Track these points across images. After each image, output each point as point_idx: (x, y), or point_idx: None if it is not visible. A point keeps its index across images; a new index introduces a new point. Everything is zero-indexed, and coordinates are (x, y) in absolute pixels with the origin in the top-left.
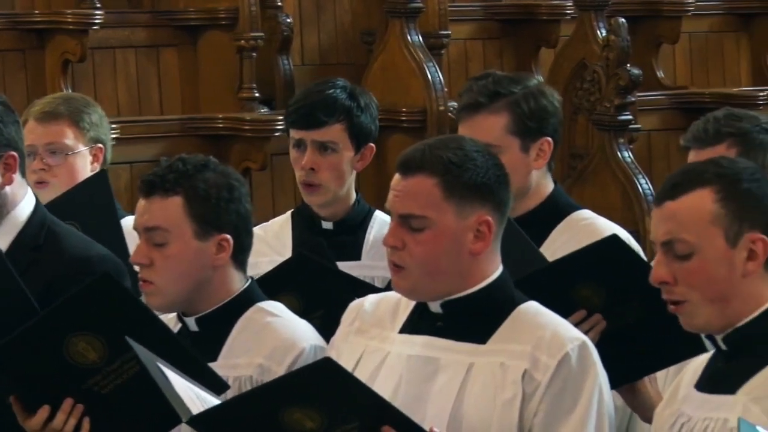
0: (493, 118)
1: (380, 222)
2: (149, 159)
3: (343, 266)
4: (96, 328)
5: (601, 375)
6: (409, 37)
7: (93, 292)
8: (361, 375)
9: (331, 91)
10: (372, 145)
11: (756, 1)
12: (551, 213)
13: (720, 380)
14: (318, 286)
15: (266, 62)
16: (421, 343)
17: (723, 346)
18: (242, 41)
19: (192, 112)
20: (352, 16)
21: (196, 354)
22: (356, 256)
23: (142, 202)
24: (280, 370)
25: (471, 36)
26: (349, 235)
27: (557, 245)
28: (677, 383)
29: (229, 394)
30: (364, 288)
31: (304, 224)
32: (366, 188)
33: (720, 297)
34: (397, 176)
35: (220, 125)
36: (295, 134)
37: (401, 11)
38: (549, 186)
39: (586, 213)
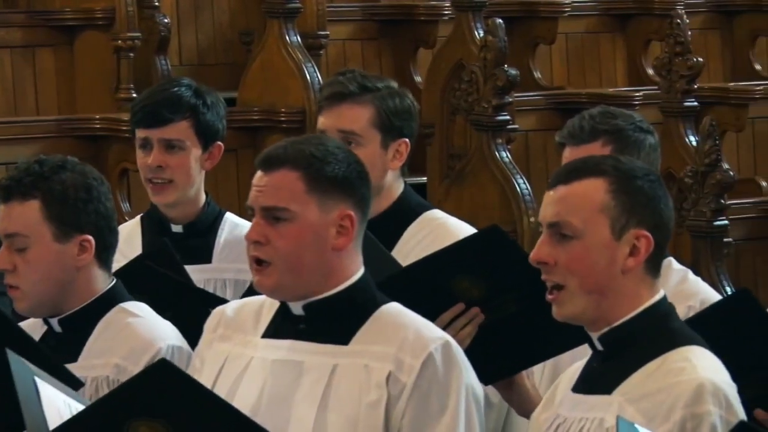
0: (359, 108)
1: (231, 224)
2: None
3: (194, 269)
4: None
5: (466, 373)
6: (287, 38)
7: None
8: (225, 381)
9: (176, 89)
10: (220, 144)
11: (631, 2)
12: (403, 213)
13: (596, 381)
14: (162, 291)
15: (144, 62)
16: (284, 347)
17: (599, 347)
18: (119, 41)
19: (69, 113)
20: (230, 16)
21: (46, 350)
22: (207, 258)
23: (1, 207)
24: (136, 370)
25: (349, 36)
26: (200, 237)
27: (410, 245)
28: (554, 388)
29: (87, 395)
30: (202, 295)
31: (154, 228)
32: (245, 191)
33: (597, 289)
34: (258, 173)
35: (98, 126)
36: (140, 133)
37: (279, 11)
38: (400, 187)
39: (437, 213)
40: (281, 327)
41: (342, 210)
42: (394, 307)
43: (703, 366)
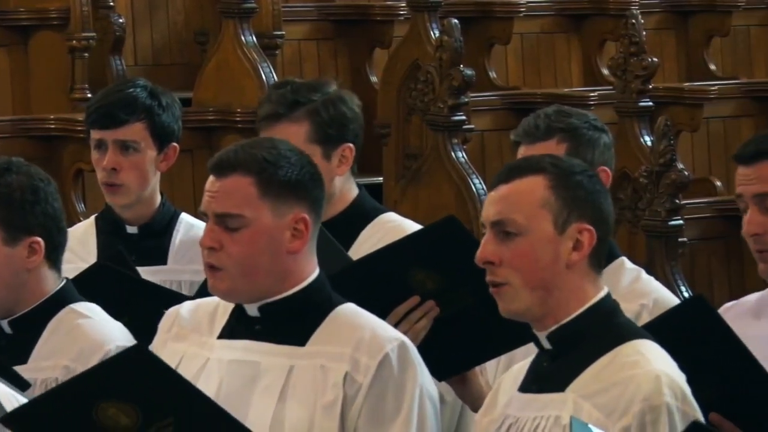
0: (294, 127)
1: (186, 225)
2: None
3: (149, 271)
4: None
5: (421, 373)
6: (242, 38)
7: None
8: None
9: (131, 90)
10: (176, 145)
11: (586, 2)
12: (358, 216)
13: (546, 379)
14: (121, 294)
15: (99, 62)
16: (240, 347)
17: (547, 345)
18: (74, 41)
19: (23, 113)
20: (185, 16)
21: None
22: (162, 260)
23: None
24: None
25: (305, 36)
26: (155, 238)
27: (366, 247)
28: (496, 390)
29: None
30: (167, 295)
31: (109, 229)
32: (201, 192)
33: (542, 285)
34: (211, 178)
35: (52, 126)
36: (95, 134)
37: (235, 11)
38: (354, 190)
39: (392, 215)
40: (237, 328)
41: (296, 213)
42: (349, 308)
43: (655, 358)
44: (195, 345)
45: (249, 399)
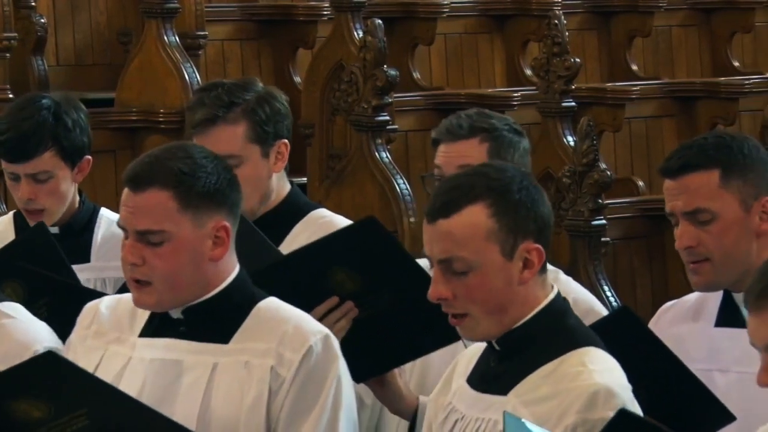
0: (232, 128)
1: (107, 221)
2: None
3: (74, 269)
4: None
5: (341, 367)
6: (165, 38)
7: None
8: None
9: (36, 116)
10: (88, 157)
11: (509, 2)
12: (291, 212)
13: (492, 380)
14: (41, 273)
15: (20, 63)
16: (163, 346)
17: (496, 347)
18: None
19: None
20: (108, 16)
21: None
22: (85, 258)
23: None
24: None
25: (228, 37)
26: (76, 237)
27: (299, 242)
28: (451, 371)
29: None
30: (84, 292)
31: (28, 226)
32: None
33: (499, 308)
34: (127, 191)
35: None
36: (6, 167)
37: (157, 11)
38: (287, 186)
39: (324, 211)
40: (159, 326)
41: (216, 222)
42: (272, 302)
43: (599, 371)
44: (116, 343)
45: (174, 398)
